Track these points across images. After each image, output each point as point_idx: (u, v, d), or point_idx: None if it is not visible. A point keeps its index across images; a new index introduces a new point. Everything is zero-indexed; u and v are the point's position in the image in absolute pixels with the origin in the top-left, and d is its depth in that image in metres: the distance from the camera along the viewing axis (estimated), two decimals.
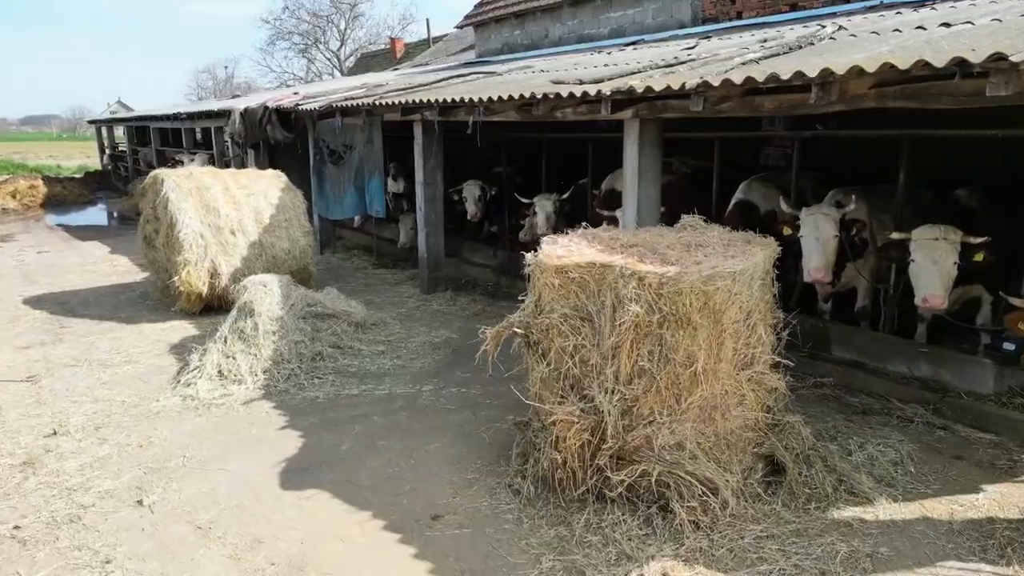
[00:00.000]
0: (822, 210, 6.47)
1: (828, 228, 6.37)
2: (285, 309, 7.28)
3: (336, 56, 50.19)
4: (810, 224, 6.45)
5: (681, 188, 8.11)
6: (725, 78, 4.86)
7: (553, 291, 4.50)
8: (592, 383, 4.33)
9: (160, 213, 9.05)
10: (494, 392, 6.37)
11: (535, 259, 4.65)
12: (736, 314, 4.24)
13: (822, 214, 6.44)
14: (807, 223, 6.48)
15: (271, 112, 12.34)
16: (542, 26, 14.98)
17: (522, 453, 4.94)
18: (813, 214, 6.49)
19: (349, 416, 5.98)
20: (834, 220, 6.39)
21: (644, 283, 4.12)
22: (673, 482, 4.15)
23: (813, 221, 6.45)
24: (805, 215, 6.52)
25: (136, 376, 7.00)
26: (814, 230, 6.40)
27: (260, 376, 6.66)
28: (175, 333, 8.33)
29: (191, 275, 8.56)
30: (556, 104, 6.75)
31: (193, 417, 6.03)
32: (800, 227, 6.51)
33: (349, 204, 11.31)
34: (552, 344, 4.55)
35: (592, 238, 4.88)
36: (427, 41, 29.65)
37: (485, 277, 10.54)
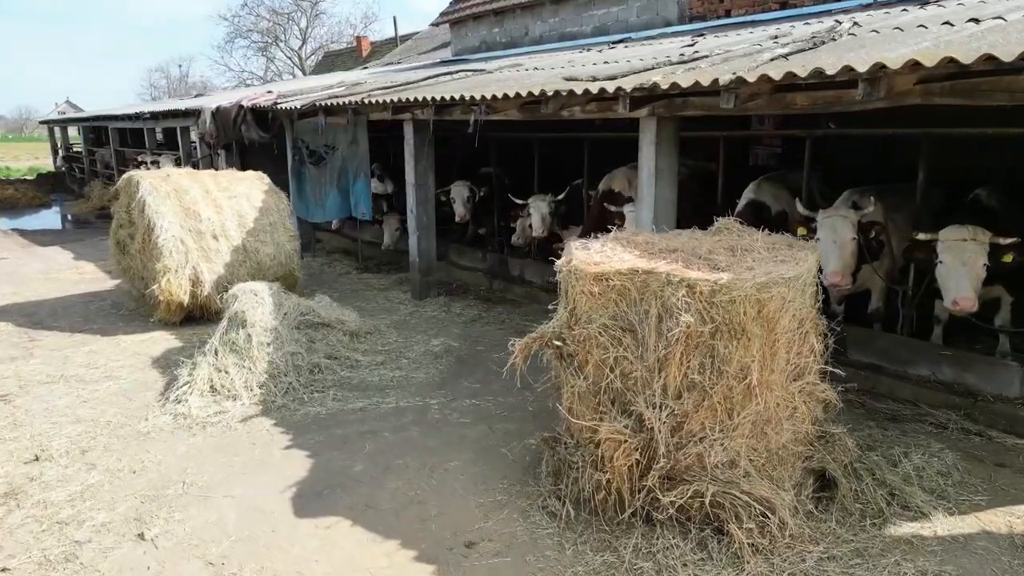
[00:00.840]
0: (840, 212, 6.30)
1: (846, 231, 6.19)
2: (279, 319, 6.88)
3: (297, 55, 49.22)
4: (827, 227, 6.27)
5: (684, 188, 7.88)
6: (763, 73, 4.63)
7: (591, 300, 4.21)
8: (637, 398, 4.06)
9: (136, 217, 8.55)
10: (507, 404, 6.08)
11: (569, 266, 4.35)
12: (789, 323, 4.01)
13: (840, 216, 6.26)
14: (824, 226, 6.29)
15: (246, 111, 11.85)
16: (522, 24, 14.71)
17: (554, 472, 4.64)
18: (831, 216, 6.31)
19: (357, 433, 5.62)
20: (852, 223, 6.21)
21: (695, 291, 3.87)
22: (729, 503, 3.90)
23: (831, 224, 6.27)
24: (822, 218, 6.34)
25: (119, 393, 6.53)
26: (831, 233, 6.22)
27: (256, 391, 6.26)
28: (156, 345, 7.85)
29: (171, 283, 8.08)
30: (566, 102, 6.47)
31: (187, 437, 5.62)
32: (816, 229, 6.33)
33: (332, 206, 10.88)
34: (589, 356, 4.26)
35: (627, 242, 4.61)
36: (394, 40, 29.18)
37: (476, 281, 10.22)
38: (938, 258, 5.70)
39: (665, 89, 5.23)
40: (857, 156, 8.84)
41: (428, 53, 20.71)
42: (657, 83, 5.29)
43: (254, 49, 52.48)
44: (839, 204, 6.58)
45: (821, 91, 4.90)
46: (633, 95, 5.60)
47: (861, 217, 6.24)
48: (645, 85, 5.33)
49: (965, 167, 7.33)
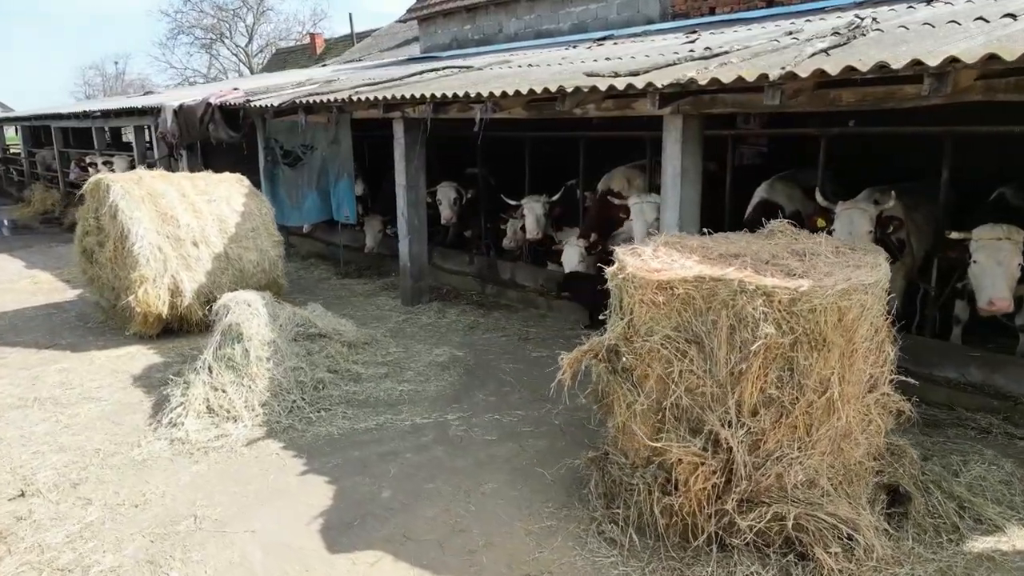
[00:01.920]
0: (859, 205, 6.15)
1: (863, 224, 6.05)
2: (276, 331, 6.41)
3: (244, 52, 47.89)
4: (845, 219, 6.12)
5: None
6: (817, 68, 4.40)
7: (652, 310, 3.92)
8: (710, 416, 3.78)
9: (106, 224, 7.94)
10: (531, 418, 5.75)
11: (624, 273, 4.06)
12: (867, 331, 3.79)
13: (859, 209, 6.11)
14: (842, 218, 6.14)
15: (215, 109, 11.24)
16: (495, 21, 14.36)
17: (606, 494, 4.34)
18: (849, 209, 6.16)
19: (377, 454, 5.23)
20: (870, 216, 6.07)
21: (773, 300, 3.60)
22: (813, 526, 3.65)
23: (848, 216, 6.12)
24: (840, 210, 6.19)
25: (103, 416, 6.00)
26: (848, 225, 6.07)
27: (258, 411, 5.80)
28: (134, 361, 7.29)
29: (149, 294, 7.52)
30: (583, 99, 6.17)
31: (189, 464, 5.14)
32: (834, 220, 6.18)
33: (310, 209, 10.38)
34: (650, 371, 3.97)
35: (682, 247, 4.33)
36: (351, 37, 28.58)
37: (466, 286, 9.85)
38: (971, 258, 5.58)
39: (703, 85, 4.97)
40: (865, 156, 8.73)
41: (392, 51, 20.21)
42: (693, 78, 5.02)
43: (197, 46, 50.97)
44: (859, 199, 6.42)
45: (871, 87, 4.71)
46: (664, 91, 5.32)
47: (880, 212, 6.11)
48: (680, 80, 5.06)
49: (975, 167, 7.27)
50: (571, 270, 7.95)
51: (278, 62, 33.72)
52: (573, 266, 7.95)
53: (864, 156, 8.43)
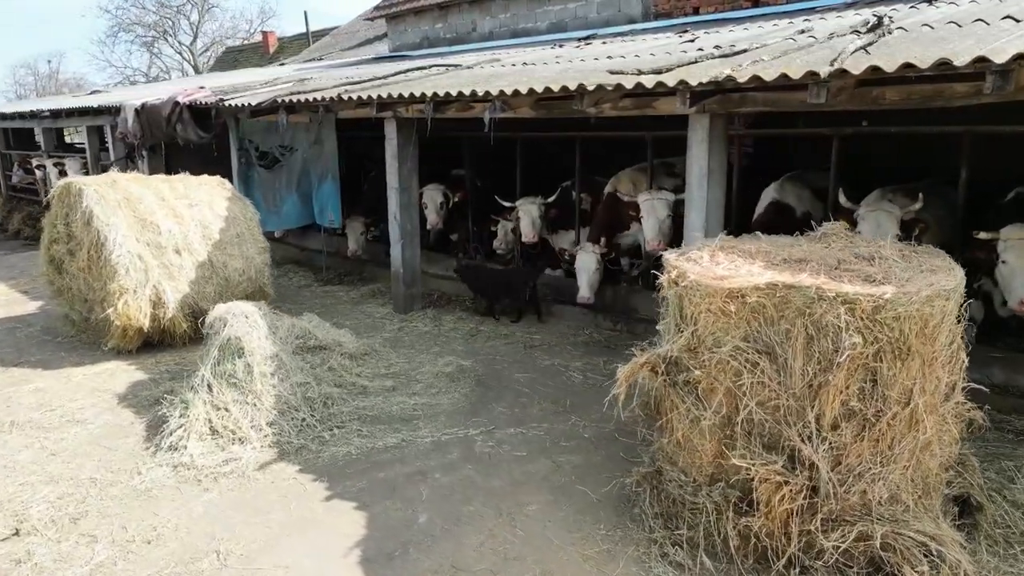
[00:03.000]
0: (884, 207, 6.06)
1: (890, 226, 5.96)
2: (278, 344, 6.02)
3: (189, 50, 46.39)
4: (871, 221, 6.03)
5: None
6: (871, 64, 4.25)
7: (721, 320, 3.71)
8: (787, 430, 3.58)
9: (79, 231, 7.40)
10: (558, 431, 5.50)
11: (687, 280, 3.83)
12: (945, 338, 3.64)
13: (885, 211, 6.03)
14: (868, 220, 6.05)
15: (183, 108, 10.67)
16: (469, 19, 14.06)
17: (663, 514, 4.11)
18: (875, 211, 6.07)
19: (403, 475, 4.90)
20: (896, 219, 5.99)
21: (855, 308, 3.42)
22: (899, 544, 3.48)
23: (875, 219, 6.03)
24: (865, 211, 6.10)
25: (92, 440, 5.53)
26: (875, 228, 5.97)
27: (266, 431, 5.41)
28: (115, 379, 6.78)
29: (130, 306, 7.02)
30: (601, 97, 5.95)
31: (199, 493, 4.74)
32: (858, 222, 6.09)
33: (290, 214, 9.93)
34: (718, 384, 3.76)
35: (740, 252, 4.13)
36: (306, 35, 27.85)
37: (457, 290, 9.52)
38: (1000, 258, 5.54)
39: (742, 83, 4.79)
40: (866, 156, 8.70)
41: (354, 50, 19.71)
42: (731, 76, 4.84)
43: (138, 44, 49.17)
44: (873, 200, 6.33)
45: (918, 85, 4.59)
46: (696, 89, 5.13)
47: (904, 214, 6.03)
48: (718, 78, 4.87)
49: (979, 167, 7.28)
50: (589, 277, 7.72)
51: (228, 61, 32.69)
52: (591, 273, 7.72)
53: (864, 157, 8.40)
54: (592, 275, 7.81)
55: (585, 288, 7.82)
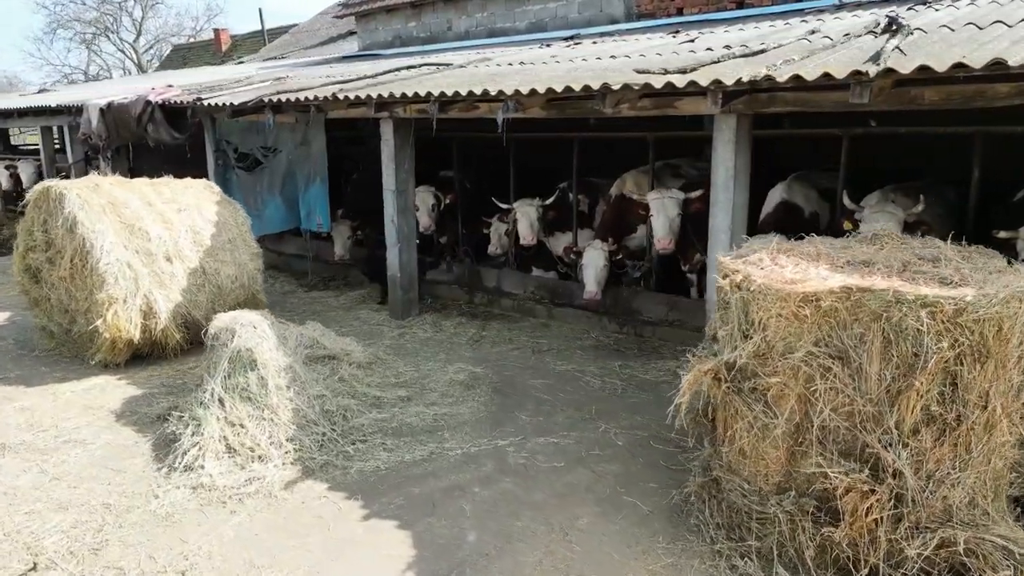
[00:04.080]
0: (887, 208, 6.08)
1: (892, 227, 5.96)
2: (290, 355, 5.75)
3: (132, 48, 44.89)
4: (873, 222, 6.03)
5: None
6: (921, 64, 4.22)
7: (794, 324, 3.62)
8: (866, 437, 3.51)
9: (60, 238, 6.96)
10: (589, 440, 5.36)
11: (756, 285, 3.73)
12: (1018, 339, 3.61)
13: (887, 212, 6.04)
14: (870, 221, 6.06)
15: (155, 107, 10.20)
16: (444, 18, 13.82)
17: (726, 525, 4.01)
18: (877, 212, 6.09)
19: (440, 490, 4.70)
20: (899, 220, 6.02)
21: (936, 311, 3.37)
22: (981, 550, 3.44)
23: (877, 220, 6.03)
24: (868, 212, 6.11)
25: (96, 462, 5.17)
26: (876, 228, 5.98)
27: (287, 447, 5.14)
28: (107, 395, 6.40)
29: (119, 317, 6.64)
30: (621, 97, 5.83)
31: (226, 516, 4.46)
32: (861, 224, 6.10)
33: (272, 218, 9.57)
34: (788, 390, 3.67)
35: (800, 254, 4.05)
36: (261, 33, 27.12)
37: (451, 295, 9.32)
38: (1020, 256, 5.60)
39: (782, 82, 4.72)
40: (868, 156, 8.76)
41: (317, 48, 19.27)
42: (770, 75, 4.77)
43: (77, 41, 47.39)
44: (876, 201, 6.35)
45: (959, 85, 4.58)
46: (730, 89, 5.05)
47: (907, 216, 6.05)
48: (756, 78, 4.80)
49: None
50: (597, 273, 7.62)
51: (177, 59, 31.67)
52: (599, 269, 7.62)
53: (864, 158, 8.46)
54: (600, 271, 7.71)
55: (592, 283, 7.72)
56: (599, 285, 7.77)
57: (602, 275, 7.79)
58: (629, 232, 8.27)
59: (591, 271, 7.79)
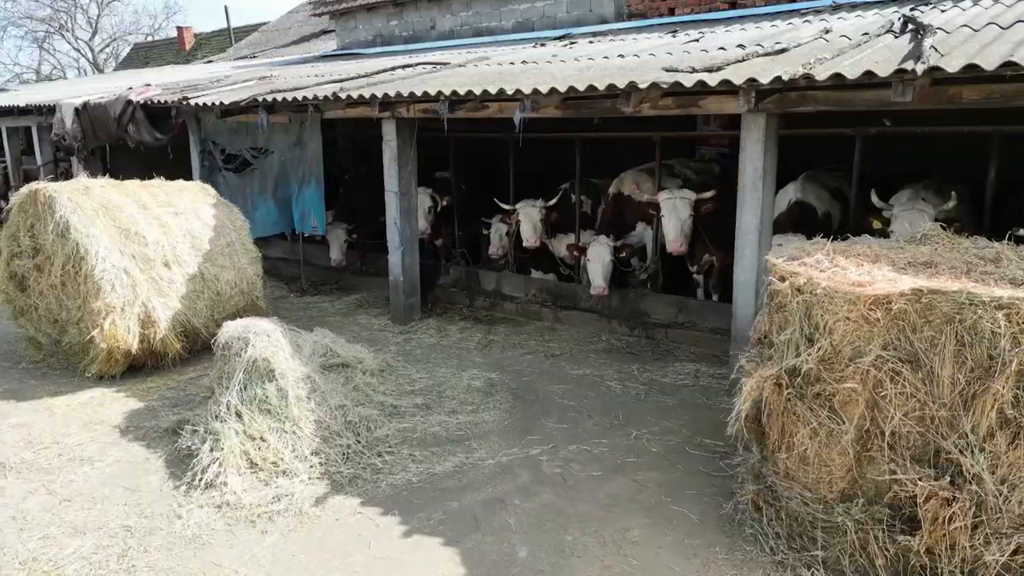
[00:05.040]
0: (918, 206, 6.07)
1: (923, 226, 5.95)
2: (308, 364, 5.52)
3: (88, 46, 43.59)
4: (905, 220, 6.03)
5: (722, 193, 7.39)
6: (971, 63, 4.19)
7: (864, 328, 3.53)
8: (942, 442, 3.43)
9: (49, 244, 6.61)
10: (623, 447, 5.23)
11: (820, 287, 3.64)
12: None
13: (918, 210, 6.04)
14: (901, 219, 6.05)
15: (136, 107, 9.82)
16: (427, 16, 13.61)
17: (787, 534, 3.91)
18: (908, 210, 6.07)
19: (479, 503, 4.53)
20: (930, 218, 6.00)
21: (1013, 312, 3.31)
22: None
23: (908, 218, 6.03)
24: (899, 210, 6.09)
25: (106, 481, 4.89)
26: (908, 227, 5.98)
27: (312, 460, 4.92)
28: (106, 409, 6.09)
29: (117, 326, 6.32)
30: (645, 96, 5.72)
31: (257, 536, 4.23)
32: (892, 222, 6.09)
33: (264, 221, 9.27)
34: (857, 396, 3.58)
35: (857, 255, 3.98)
36: (227, 31, 26.54)
37: (450, 298, 9.13)
38: None
39: (823, 80, 4.65)
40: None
41: (291, 46, 18.88)
42: (809, 74, 4.70)
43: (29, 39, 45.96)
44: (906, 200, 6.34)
45: (999, 84, 4.56)
46: (764, 88, 4.97)
47: (938, 212, 6.05)
48: (795, 76, 4.72)
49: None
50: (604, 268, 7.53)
51: (138, 58, 30.85)
52: (605, 264, 7.52)
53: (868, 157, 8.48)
54: (607, 267, 7.63)
55: (599, 278, 7.62)
56: (606, 280, 7.69)
57: (608, 271, 7.71)
58: (627, 230, 8.20)
59: (597, 266, 7.69)
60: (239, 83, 10.42)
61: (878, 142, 7.08)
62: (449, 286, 9.34)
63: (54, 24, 43.26)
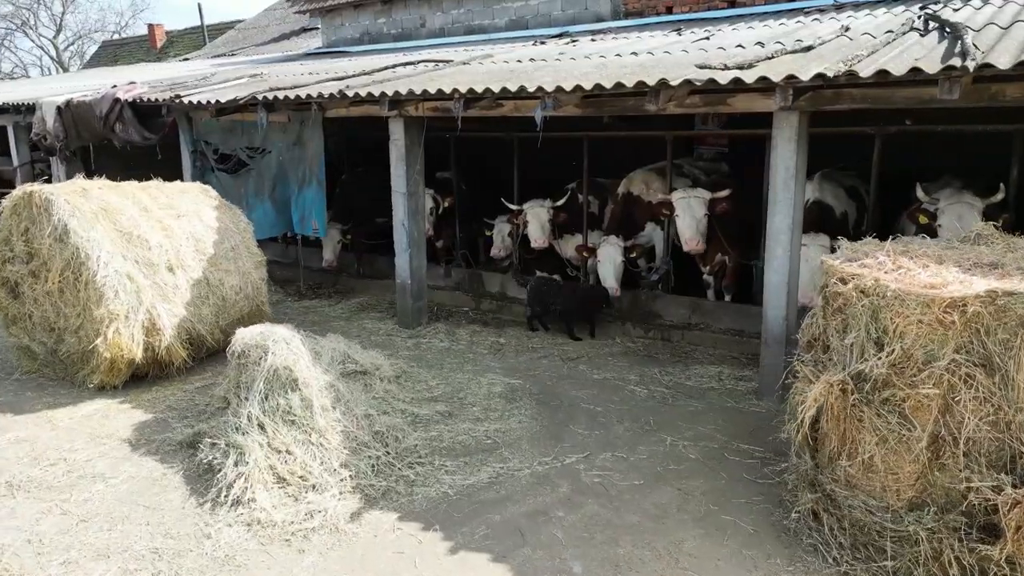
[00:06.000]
0: (965, 199, 6.00)
1: (971, 220, 5.88)
2: (329, 372, 5.31)
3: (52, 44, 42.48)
4: (952, 215, 5.97)
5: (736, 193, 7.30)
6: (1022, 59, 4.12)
7: (935, 331, 3.43)
8: (1021, 447, 3.35)
9: (46, 249, 6.30)
10: (660, 454, 5.09)
11: (891, 290, 3.53)
12: None
13: (966, 204, 5.97)
14: (949, 213, 5.98)
15: (124, 105, 9.47)
16: (416, 14, 13.38)
17: (851, 544, 3.80)
18: (955, 204, 6.00)
19: (522, 515, 4.35)
20: (978, 211, 5.94)
21: None
22: None
23: (956, 212, 5.96)
24: (945, 205, 6.02)
25: (124, 500, 4.63)
26: (956, 221, 5.92)
27: (342, 473, 4.71)
28: (111, 421, 5.80)
29: (121, 335, 6.04)
30: (674, 94, 5.60)
31: (295, 556, 4.02)
32: (939, 217, 6.02)
33: (261, 223, 8.94)
34: (929, 401, 3.48)
35: (920, 255, 3.88)
36: (200, 29, 25.98)
37: (453, 301, 8.94)
38: None
39: (866, 77, 4.56)
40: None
41: (271, 44, 18.49)
42: (853, 70, 4.61)
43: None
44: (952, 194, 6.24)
45: None
46: (802, 85, 4.87)
47: (985, 205, 5.97)
48: (838, 73, 4.63)
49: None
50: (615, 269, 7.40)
51: (107, 56, 30.09)
52: (616, 264, 7.40)
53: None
54: (618, 267, 7.53)
55: (611, 279, 7.52)
56: (618, 281, 7.59)
57: (619, 271, 7.61)
58: (636, 230, 8.10)
59: (609, 267, 7.58)
60: (230, 81, 10.11)
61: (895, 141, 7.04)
62: (452, 288, 9.15)
63: (16, 21, 42.15)
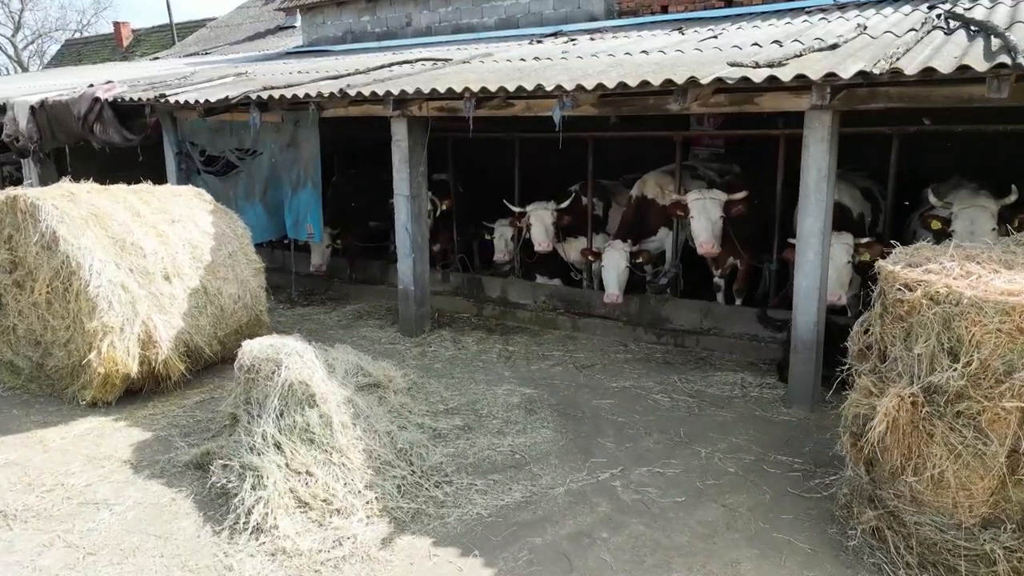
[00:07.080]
0: (979, 202, 5.91)
1: (986, 223, 5.83)
2: (345, 386, 5.02)
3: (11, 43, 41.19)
4: (966, 218, 5.87)
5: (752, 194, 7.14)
6: None
7: (1014, 341, 3.27)
8: None
9: (31, 257, 5.91)
10: (697, 468, 4.89)
11: (965, 297, 3.36)
12: None
13: (980, 207, 5.88)
14: (963, 216, 5.89)
15: (104, 105, 9.04)
16: (402, 12, 13.06)
17: (919, 563, 3.63)
18: (969, 207, 5.91)
19: (564, 538, 4.12)
20: (993, 214, 5.86)
21: None
22: None
23: (970, 215, 5.87)
24: (959, 208, 5.93)
25: (132, 529, 4.29)
26: (970, 224, 5.83)
27: (367, 495, 4.42)
28: (107, 441, 5.44)
29: (116, 348, 5.68)
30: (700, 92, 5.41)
31: None
32: (952, 221, 5.92)
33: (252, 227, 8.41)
34: (1009, 414, 3.32)
35: (990, 260, 3.72)
36: (168, 27, 25.30)
37: (452, 307, 8.66)
38: None
39: (912, 75, 4.41)
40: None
41: (246, 43, 18.02)
42: (898, 68, 4.45)
43: None
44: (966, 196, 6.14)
45: None
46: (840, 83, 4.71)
47: (1000, 207, 5.89)
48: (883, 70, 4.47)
49: None
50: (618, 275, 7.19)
51: (71, 55, 29.19)
52: (620, 271, 7.19)
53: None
54: (622, 273, 7.32)
55: (613, 285, 7.31)
56: (621, 288, 7.38)
57: (623, 278, 7.40)
58: (649, 234, 7.91)
59: (612, 273, 7.38)
60: (215, 80, 9.72)
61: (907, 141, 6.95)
62: (451, 293, 8.88)
63: None
